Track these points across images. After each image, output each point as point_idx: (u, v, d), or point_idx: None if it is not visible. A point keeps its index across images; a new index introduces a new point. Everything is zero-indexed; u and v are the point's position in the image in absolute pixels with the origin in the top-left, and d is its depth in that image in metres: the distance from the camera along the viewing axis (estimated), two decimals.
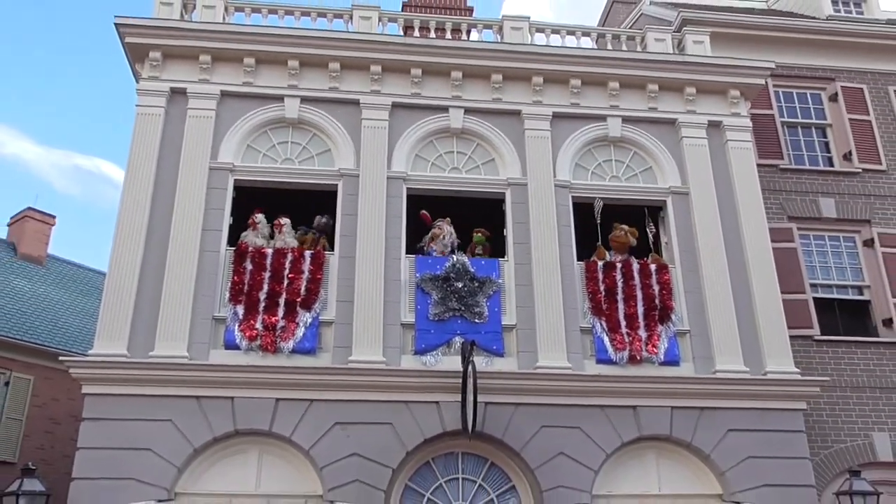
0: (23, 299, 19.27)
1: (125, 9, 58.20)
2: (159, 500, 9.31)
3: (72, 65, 58.18)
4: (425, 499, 10.13)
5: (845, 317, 12.86)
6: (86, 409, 9.80)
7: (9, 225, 22.20)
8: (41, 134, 56.87)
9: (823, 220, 13.28)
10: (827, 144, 14.20)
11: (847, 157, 13.88)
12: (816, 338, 12.26)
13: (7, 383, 17.10)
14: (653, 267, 11.45)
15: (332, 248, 11.13)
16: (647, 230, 11.77)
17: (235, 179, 11.26)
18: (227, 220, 11.00)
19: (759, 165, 12.62)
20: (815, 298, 12.66)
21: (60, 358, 10.44)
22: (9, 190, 52.72)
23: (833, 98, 14.39)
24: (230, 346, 10.28)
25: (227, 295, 10.54)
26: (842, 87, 14.42)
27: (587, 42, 12.91)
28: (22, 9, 55.56)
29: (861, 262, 13.18)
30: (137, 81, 11.55)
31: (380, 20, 12.42)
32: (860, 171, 13.72)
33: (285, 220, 11.24)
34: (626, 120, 12.25)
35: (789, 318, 11.45)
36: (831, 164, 13.96)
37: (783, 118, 14.18)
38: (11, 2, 53.89)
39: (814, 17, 15.69)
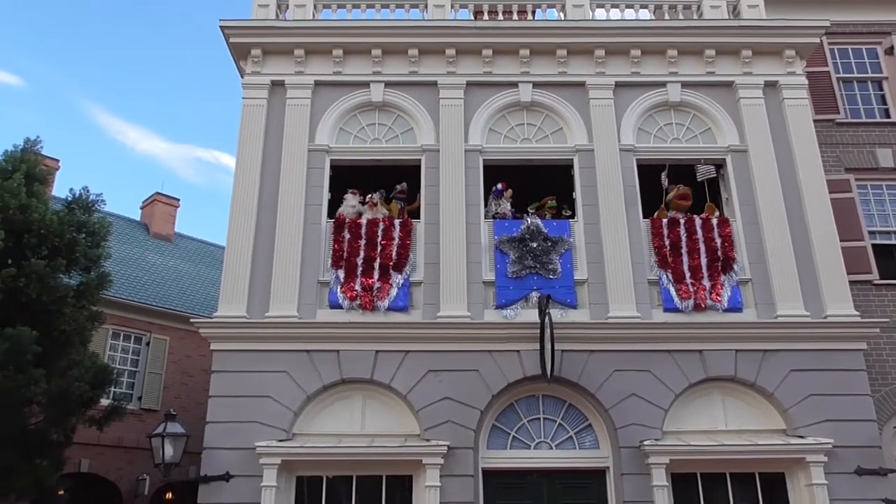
0: (156, 272, 20.23)
1: (226, 13, 59.57)
2: (280, 440, 9.68)
3: (192, 70, 60.15)
4: (510, 436, 10.23)
5: None
6: (214, 363, 10.24)
7: (142, 208, 23.26)
8: (168, 132, 59.43)
9: (880, 170, 12.50)
10: (883, 97, 13.31)
11: None
12: (875, 282, 11.68)
13: (148, 343, 18.06)
14: (714, 221, 11.11)
15: (416, 216, 11.23)
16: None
17: (331, 159, 11.43)
18: (325, 195, 11.19)
19: (815, 121, 11.96)
20: (873, 245, 12.03)
21: (191, 320, 10.88)
22: (142, 180, 55.46)
23: (889, 51, 13.45)
24: (334, 305, 10.54)
25: (329, 261, 10.78)
26: None
27: (645, 14, 12.42)
28: (155, 30, 57.51)
29: None
30: (242, 77, 11.81)
31: (452, 7, 12.28)
32: None
33: (377, 201, 11.39)
34: (684, 85, 11.80)
35: (848, 265, 10.94)
36: (888, 116, 13.10)
37: (838, 74, 13.37)
38: (147, 23, 55.87)
39: None
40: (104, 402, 12.85)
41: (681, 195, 11.45)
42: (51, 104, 57.05)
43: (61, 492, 12.11)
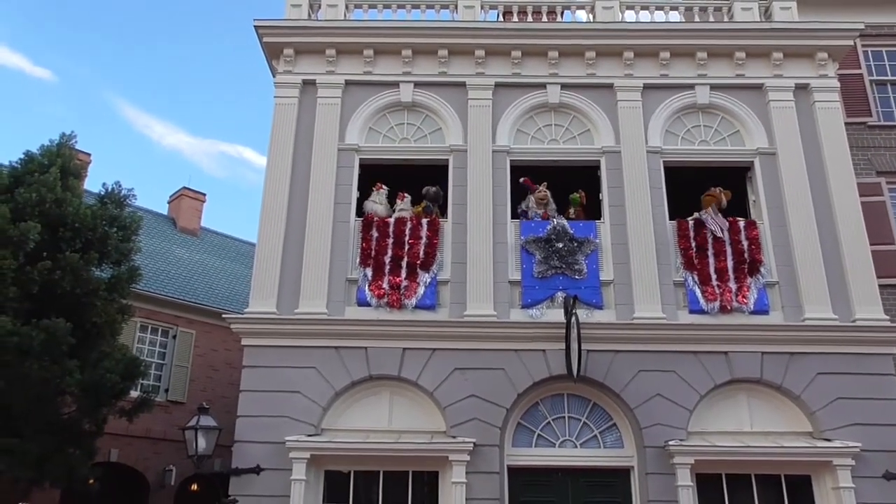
0: (183, 265, 20.54)
1: (250, 8, 60.20)
2: (309, 435, 9.88)
3: (215, 65, 60.90)
4: (535, 434, 10.38)
5: None
6: (245, 358, 10.44)
7: (169, 202, 23.63)
8: (193, 126, 60.26)
9: None
10: None
11: None
12: None
13: (174, 336, 18.37)
14: (741, 223, 11.18)
15: (443, 216, 11.41)
16: None
17: (360, 158, 11.60)
18: (354, 194, 11.38)
19: (847, 123, 11.96)
20: None
21: (223, 316, 11.09)
22: (168, 174, 56.25)
23: None
24: (362, 303, 10.72)
25: (358, 259, 10.96)
26: None
27: (675, 16, 12.49)
28: (181, 25, 58.23)
29: None
30: (274, 76, 12.02)
31: (482, 8, 12.40)
32: None
33: (407, 196, 11.58)
34: (713, 87, 11.83)
35: (879, 268, 10.91)
36: None
37: (872, 77, 13.34)
38: (171, 19, 56.57)
39: None
40: (133, 393, 13.17)
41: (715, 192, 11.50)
42: (79, 98, 58.06)
43: (91, 480, 12.44)
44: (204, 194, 23.49)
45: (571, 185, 11.73)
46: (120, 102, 58.26)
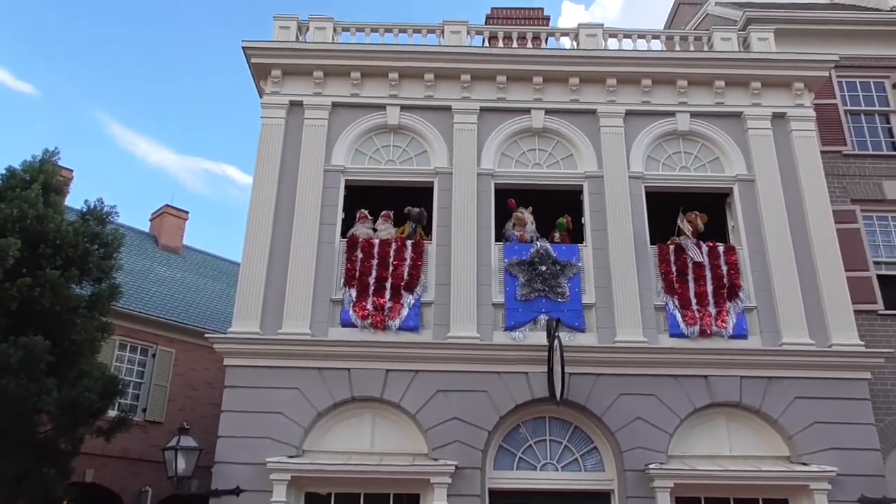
0: (164, 284, 20.39)
1: (236, 27, 60.47)
2: (290, 456, 9.87)
3: (202, 85, 60.90)
4: (517, 457, 10.43)
5: None
6: (227, 378, 10.42)
7: (151, 220, 23.49)
8: (178, 144, 60.08)
9: (886, 201, 12.82)
10: (890, 130, 13.67)
11: None
12: (881, 312, 11.95)
13: (154, 355, 18.17)
14: (721, 249, 11.39)
15: (428, 237, 11.51)
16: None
17: (346, 180, 11.72)
18: (339, 215, 11.47)
19: (822, 152, 12.27)
20: (878, 275, 12.31)
21: (206, 335, 11.08)
22: (151, 191, 55.93)
23: None
24: (346, 324, 10.77)
25: (342, 280, 11.03)
26: None
27: (657, 44, 12.80)
28: (167, 43, 58.28)
29: None
30: (261, 96, 12.13)
31: (468, 33, 12.64)
32: None
33: (390, 213, 11.70)
34: (693, 115, 12.13)
35: (854, 295, 11.18)
36: (895, 149, 13.44)
37: (846, 107, 13.73)
38: (158, 40, 56.60)
39: (877, 9, 15.01)
40: (111, 413, 13.00)
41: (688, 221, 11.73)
42: (63, 113, 57.66)
43: (66, 501, 12.25)
44: (186, 212, 23.38)
45: (558, 210, 11.89)
46: (104, 118, 58.03)
